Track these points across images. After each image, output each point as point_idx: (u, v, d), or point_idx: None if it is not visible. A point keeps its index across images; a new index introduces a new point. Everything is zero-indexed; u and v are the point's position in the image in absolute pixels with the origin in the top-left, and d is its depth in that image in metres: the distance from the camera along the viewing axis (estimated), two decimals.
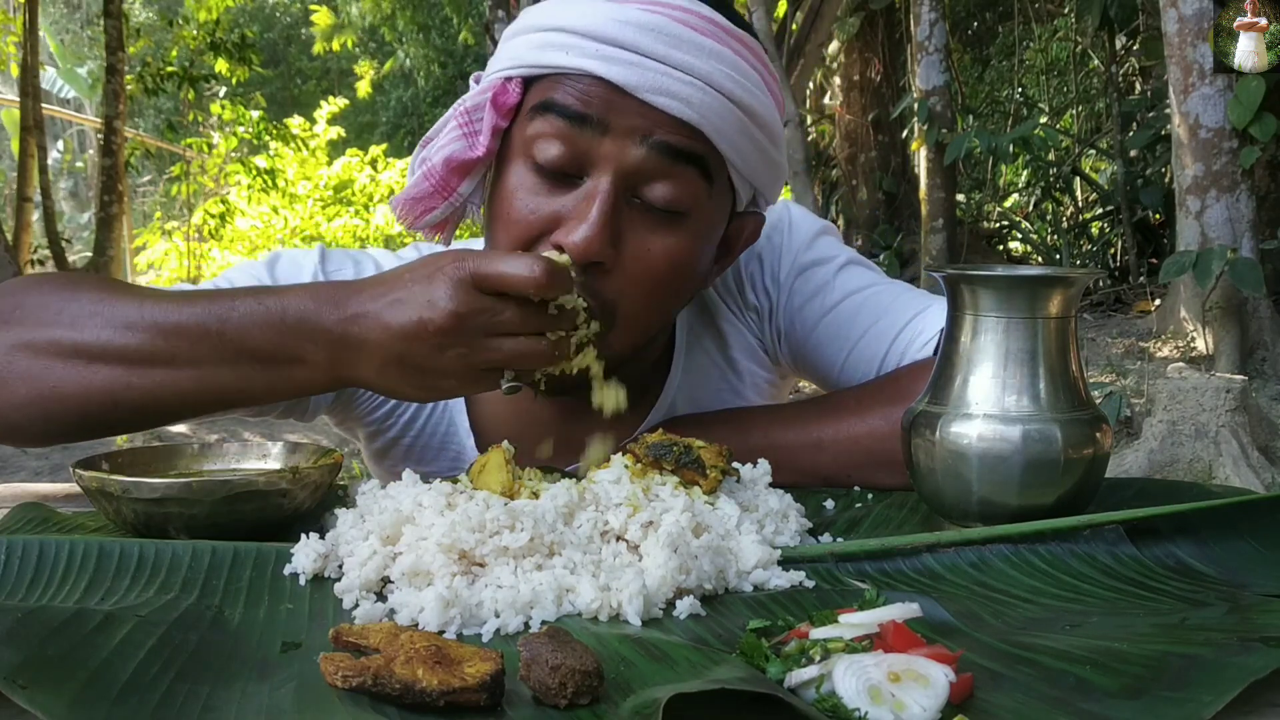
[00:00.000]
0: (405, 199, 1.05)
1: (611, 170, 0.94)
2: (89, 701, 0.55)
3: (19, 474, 5.20)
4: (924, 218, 7.18)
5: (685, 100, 0.93)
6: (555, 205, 0.96)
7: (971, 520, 0.85)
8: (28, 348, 0.93)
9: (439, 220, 1.06)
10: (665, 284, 0.99)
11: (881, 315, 1.13)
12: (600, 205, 0.93)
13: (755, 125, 0.98)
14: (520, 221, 0.96)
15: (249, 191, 10.95)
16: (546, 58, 0.96)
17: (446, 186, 1.03)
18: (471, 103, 1.01)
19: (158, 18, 13.62)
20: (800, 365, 1.21)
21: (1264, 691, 0.56)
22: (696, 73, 0.94)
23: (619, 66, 0.93)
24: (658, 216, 0.96)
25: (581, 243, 0.92)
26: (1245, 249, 4.89)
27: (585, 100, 0.94)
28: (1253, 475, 3.38)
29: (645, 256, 0.96)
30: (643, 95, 0.93)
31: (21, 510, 0.92)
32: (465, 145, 1.01)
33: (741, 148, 0.98)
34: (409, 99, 17.51)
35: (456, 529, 0.74)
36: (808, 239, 1.18)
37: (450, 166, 1.02)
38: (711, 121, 0.95)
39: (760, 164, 1.01)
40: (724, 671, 0.57)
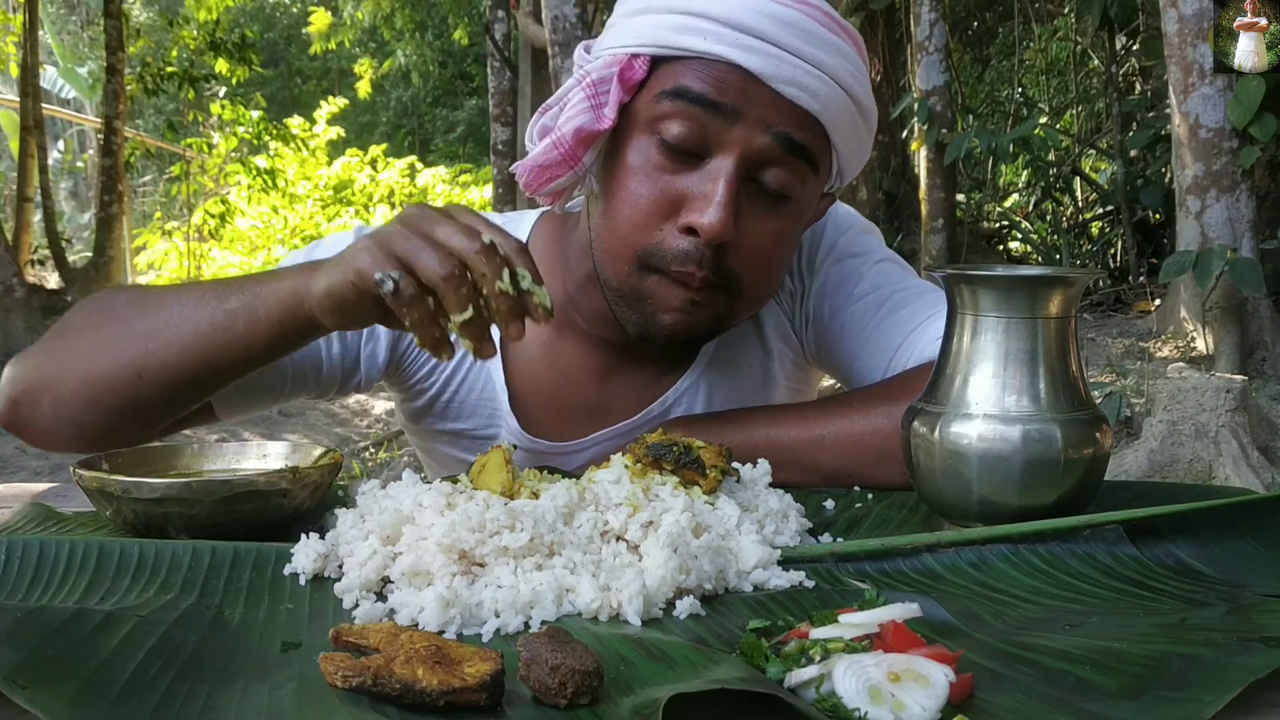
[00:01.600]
0: (533, 165, 1.07)
1: (737, 154, 1.00)
2: (89, 701, 0.55)
3: (19, 474, 5.21)
4: (924, 218, 7.18)
5: (812, 93, 1.00)
6: (679, 184, 1.01)
7: (971, 520, 0.85)
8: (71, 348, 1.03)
9: (562, 188, 1.09)
10: (776, 259, 1.07)
11: (898, 311, 1.15)
12: (726, 188, 0.99)
13: (862, 117, 1.06)
14: (645, 196, 1.02)
15: (249, 191, 10.95)
16: (683, 40, 0.99)
17: (574, 156, 1.05)
18: (597, 75, 1.04)
19: (158, 17, 13.62)
20: (822, 354, 1.23)
21: (1264, 691, 0.57)
22: (824, 67, 1.00)
23: (757, 56, 0.98)
24: (770, 199, 1.03)
25: (715, 224, 0.98)
26: (1245, 249, 4.89)
27: (720, 87, 0.99)
28: (1253, 475, 3.37)
29: (760, 235, 1.03)
30: (775, 85, 0.98)
31: (27, 509, 0.92)
32: (593, 117, 1.04)
33: (849, 137, 1.05)
34: (409, 99, 17.52)
35: (456, 529, 0.74)
36: (850, 233, 1.23)
37: (579, 137, 1.04)
38: (831, 114, 1.02)
39: (857, 150, 1.08)
40: (724, 671, 0.57)
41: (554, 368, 1.20)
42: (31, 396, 1.02)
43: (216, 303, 0.98)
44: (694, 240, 1.00)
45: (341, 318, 0.92)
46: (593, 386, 1.20)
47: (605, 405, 1.21)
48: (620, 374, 1.21)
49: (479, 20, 12.43)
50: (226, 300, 0.98)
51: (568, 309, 1.18)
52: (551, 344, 1.21)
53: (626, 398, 1.21)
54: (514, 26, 8.35)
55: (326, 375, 1.16)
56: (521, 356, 1.21)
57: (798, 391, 1.28)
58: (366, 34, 16.76)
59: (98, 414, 1.00)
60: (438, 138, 17.64)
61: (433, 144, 17.52)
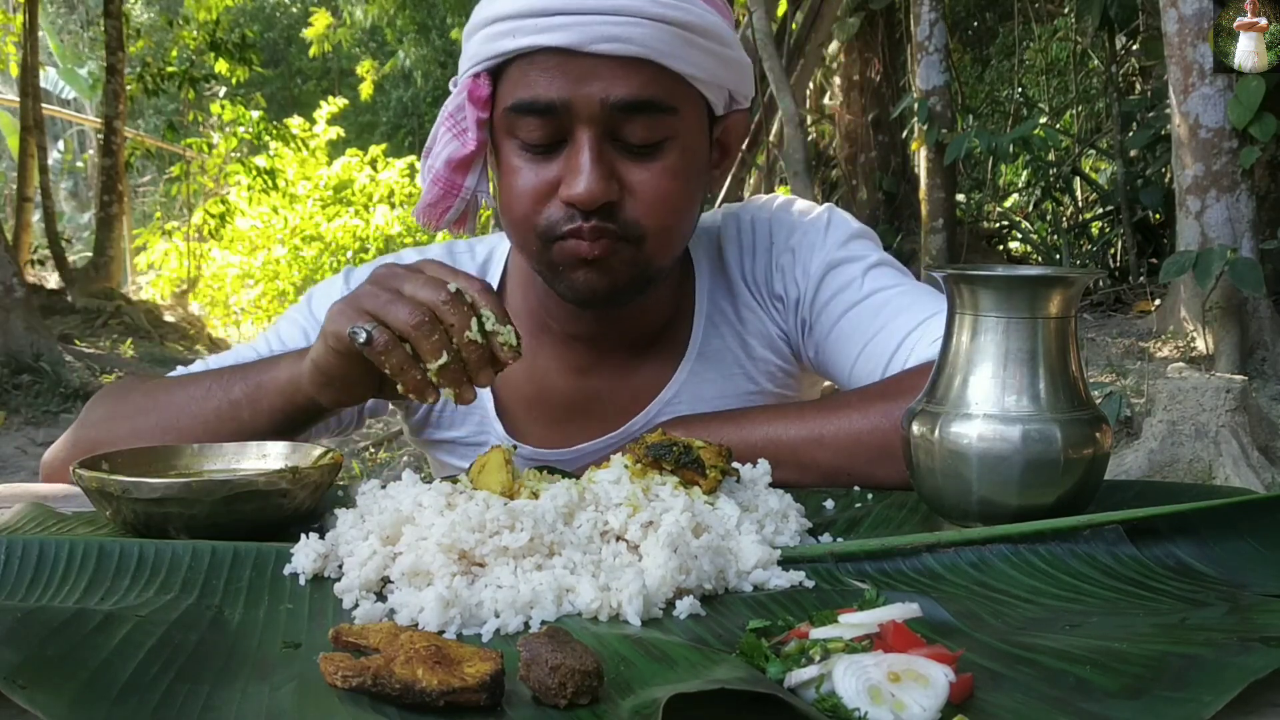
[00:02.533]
0: (423, 207, 1.16)
1: (585, 128, 1.04)
2: (89, 701, 0.55)
3: (19, 474, 5.21)
4: (924, 218, 7.18)
5: (628, 40, 1.02)
6: (551, 170, 1.07)
7: (971, 520, 0.85)
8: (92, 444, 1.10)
9: (457, 217, 1.17)
10: (674, 198, 1.09)
11: (898, 314, 1.15)
12: (587, 154, 1.04)
13: (700, 36, 1.06)
14: (525, 189, 1.08)
15: (249, 192, 10.95)
16: (499, 46, 1.06)
17: (453, 185, 1.14)
18: (453, 105, 1.12)
19: (158, 17, 13.62)
20: (820, 360, 1.23)
21: (1264, 691, 0.56)
22: (627, 10, 1.02)
23: (559, 32, 1.02)
24: (641, 151, 1.07)
25: (585, 192, 1.03)
26: (1245, 249, 4.89)
27: (545, 81, 1.04)
28: (1253, 475, 3.37)
29: (647, 184, 1.07)
30: (590, 48, 1.02)
31: (27, 509, 0.93)
32: (459, 144, 1.12)
33: (694, 60, 1.06)
34: (409, 99, 17.51)
35: (456, 529, 0.74)
36: (843, 238, 1.23)
37: (451, 166, 1.13)
38: (659, 49, 1.03)
39: (719, 67, 1.09)
40: (724, 671, 0.57)
41: (533, 371, 1.24)
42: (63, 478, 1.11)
43: (222, 394, 1.08)
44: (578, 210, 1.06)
45: (334, 390, 1.01)
46: (571, 387, 1.24)
47: (586, 408, 1.23)
48: (596, 373, 1.23)
49: None
50: (231, 391, 1.08)
51: (540, 314, 1.24)
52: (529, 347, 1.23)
53: (606, 399, 1.23)
54: None
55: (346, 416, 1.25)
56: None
57: (787, 399, 1.28)
58: (367, 35, 16.75)
59: None
60: None
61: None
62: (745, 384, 1.24)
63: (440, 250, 1.31)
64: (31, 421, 6.26)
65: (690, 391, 1.22)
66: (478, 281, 0.92)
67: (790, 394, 1.28)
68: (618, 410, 1.23)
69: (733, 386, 1.23)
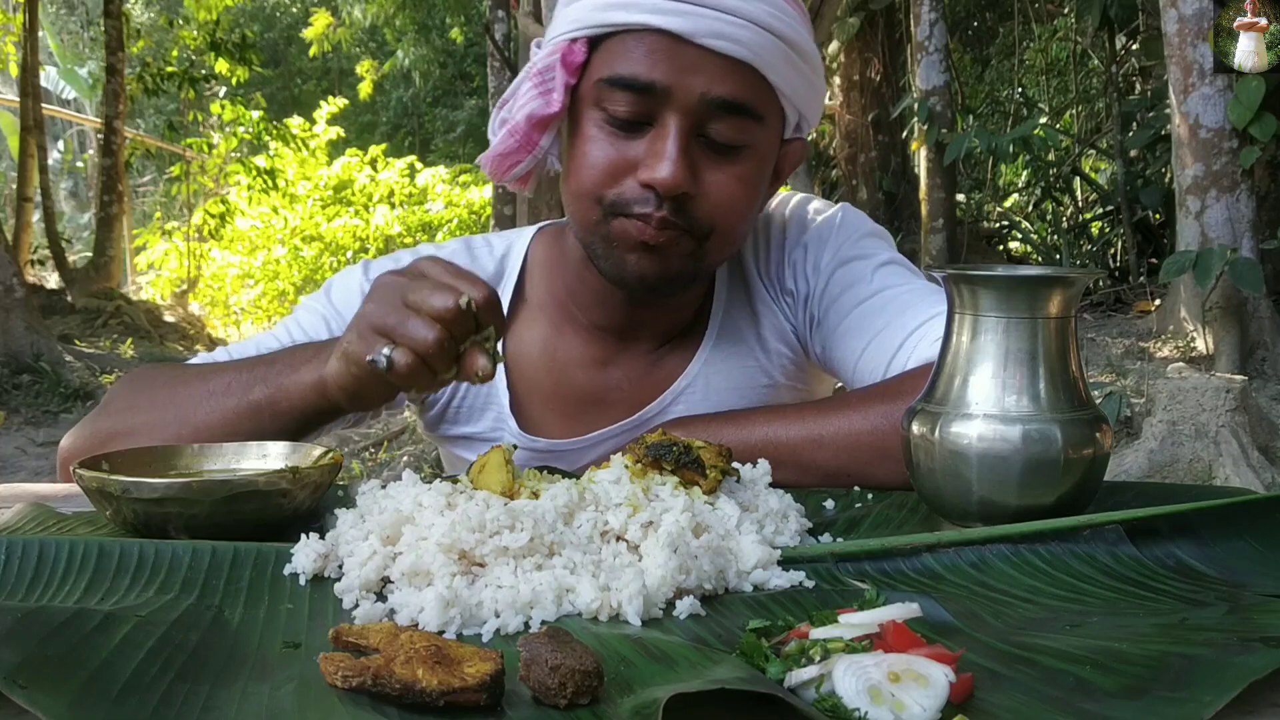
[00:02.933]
0: (493, 155, 1.16)
1: (678, 115, 1.05)
2: (89, 701, 0.55)
3: (19, 474, 5.21)
4: (924, 218, 7.18)
5: (737, 40, 1.04)
6: (632, 148, 1.07)
7: (971, 520, 0.85)
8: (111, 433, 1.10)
9: (524, 173, 1.17)
10: (743, 204, 1.11)
11: (903, 311, 1.15)
12: (674, 141, 1.04)
13: (798, 55, 1.09)
14: (601, 160, 1.08)
15: (249, 192, 10.95)
16: (609, 16, 1.05)
17: (529, 141, 1.13)
18: (542, 64, 1.11)
19: (157, 17, 13.62)
20: (827, 355, 1.24)
21: (1264, 691, 0.56)
22: (745, 14, 1.04)
23: (676, 17, 1.03)
24: (722, 150, 1.08)
25: (668, 176, 1.04)
26: (1245, 249, 4.89)
27: (650, 62, 1.04)
28: (1253, 475, 3.37)
29: (722, 184, 1.08)
30: (700, 40, 1.03)
31: (27, 509, 0.92)
32: (542, 103, 1.10)
33: (789, 77, 1.08)
34: (409, 99, 17.51)
35: (456, 529, 0.74)
36: (855, 236, 1.24)
37: (532, 122, 1.12)
38: (763, 58, 1.05)
39: (805, 90, 1.12)
40: (724, 671, 0.57)
41: (553, 363, 1.24)
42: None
43: (242, 393, 1.07)
44: (653, 193, 1.06)
45: (359, 402, 1.02)
46: (590, 379, 1.24)
47: (603, 399, 1.24)
48: (617, 366, 1.24)
49: (479, 20, 12.43)
50: (251, 392, 1.07)
51: (566, 304, 1.24)
52: (549, 340, 1.25)
53: (624, 390, 1.24)
54: (514, 26, 8.35)
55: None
56: (521, 357, 1.25)
57: (799, 392, 1.29)
58: (366, 34, 16.75)
59: None
60: (438, 138, 17.63)
61: (433, 144, 17.52)
62: (759, 376, 1.25)
63: (458, 245, 1.31)
64: (31, 421, 6.26)
65: (705, 381, 1.23)
66: (484, 290, 0.91)
67: (801, 388, 1.29)
68: (633, 400, 1.23)
69: (746, 378, 1.24)
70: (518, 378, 1.25)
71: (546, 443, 1.23)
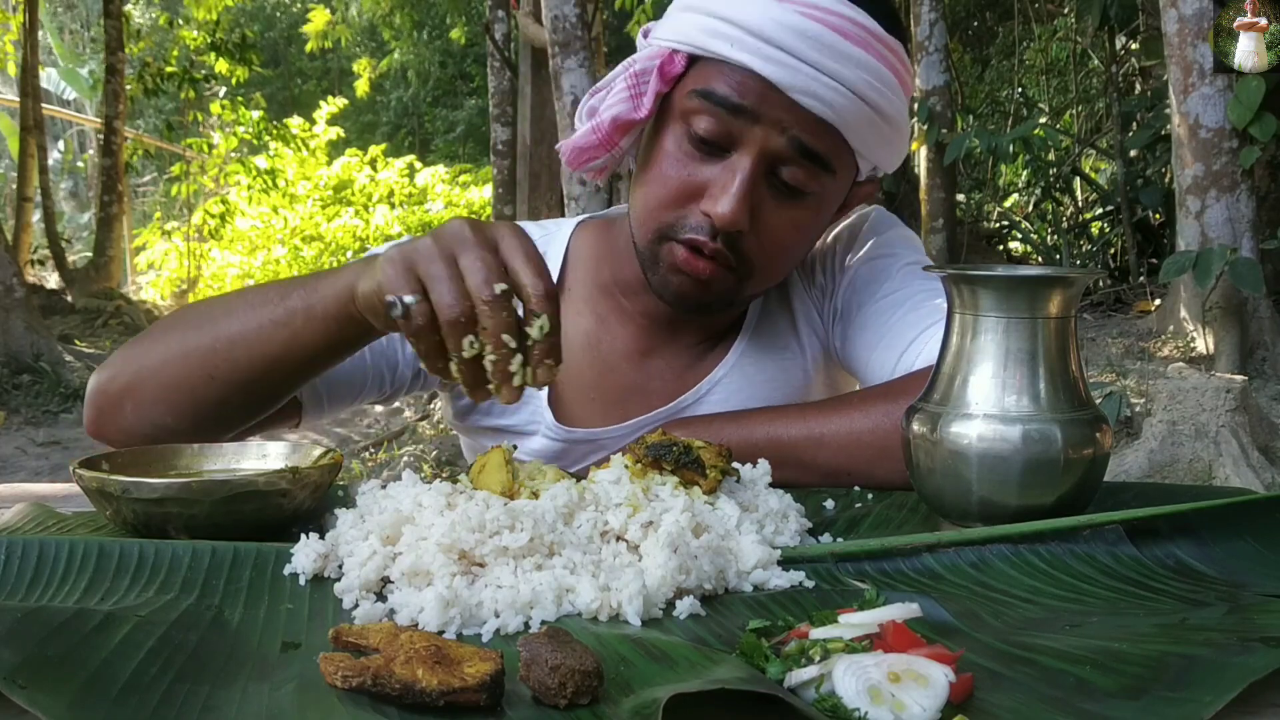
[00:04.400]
0: (574, 146, 1.18)
1: (755, 152, 1.07)
2: (89, 701, 0.55)
3: (19, 474, 5.21)
4: (924, 218, 7.18)
5: (828, 104, 1.06)
6: (704, 173, 1.09)
7: (971, 520, 0.85)
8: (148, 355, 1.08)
9: (599, 168, 1.20)
10: (792, 248, 1.16)
11: (916, 309, 1.16)
12: (742, 180, 1.06)
13: (885, 123, 1.10)
14: (673, 181, 1.10)
15: (249, 192, 10.95)
16: (713, 45, 1.07)
17: (610, 141, 1.16)
18: (640, 66, 1.12)
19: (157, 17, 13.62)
20: (845, 351, 1.25)
21: (1264, 691, 0.56)
22: (842, 79, 1.05)
23: (775, 66, 1.04)
24: (788, 193, 1.10)
25: (728, 214, 1.06)
26: (1245, 249, 4.89)
27: (741, 92, 1.06)
28: (1253, 475, 3.37)
29: (777, 227, 1.11)
30: (792, 94, 1.05)
31: (27, 509, 0.92)
32: (631, 106, 1.13)
33: (868, 139, 1.11)
34: (409, 99, 17.51)
35: (456, 529, 0.74)
36: (885, 235, 1.26)
37: (616, 125, 1.14)
38: (847, 121, 1.07)
39: (883, 149, 1.13)
40: (724, 671, 0.57)
41: (596, 355, 1.25)
42: (114, 404, 1.07)
43: (279, 299, 1.02)
44: (710, 223, 1.08)
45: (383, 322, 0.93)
46: (633, 369, 1.25)
47: (644, 388, 1.25)
48: (659, 356, 1.26)
49: (479, 20, 12.43)
50: (288, 298, 1.01)
51: (612, 291, 1.26)
52: (593, 332, 1.26)
53: (665, 379, 1.25)
54: (514, 26, 8.35)
55: (400, 375, 1.23)
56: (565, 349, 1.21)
57: (829, 385, 1.30)
58: (365, 34, 16.75)
59: (177, 417, 1.05)
60: (438, 138, 17.63)
61: (433, 144, 17.52)
62: (795, 370, 1.27)
63: None
64: (31, 421, 6.26)
65: (741, 372, 1.25)
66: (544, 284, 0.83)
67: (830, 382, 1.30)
68: (673, 389, 1.25)
69: (782, 371, 1.26)
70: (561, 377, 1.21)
71: (584, 432, 1.23)
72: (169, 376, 1.05)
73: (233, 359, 1.03)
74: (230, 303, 1.07)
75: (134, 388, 1.06)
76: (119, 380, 1.08)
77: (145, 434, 1.06)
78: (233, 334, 1.03)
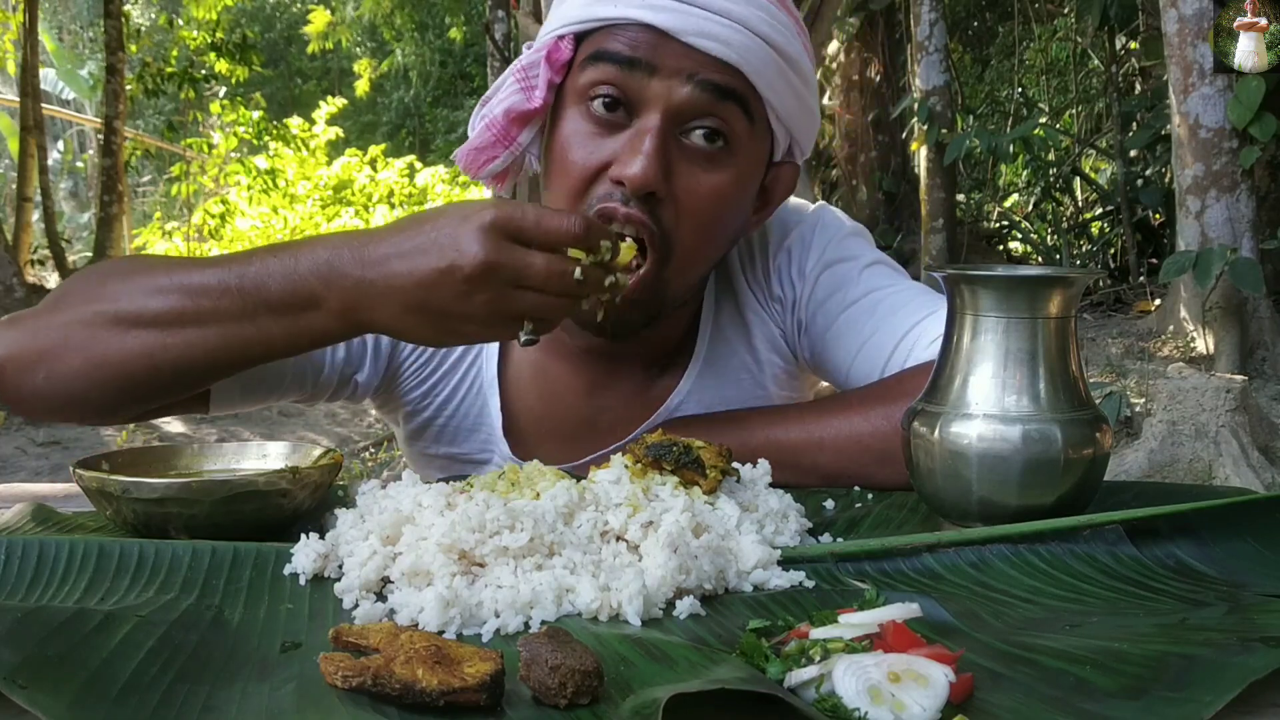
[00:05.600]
0: (469, 149, 1.12)
1: (660, 108, 1.01)
2: (89, 701, 0.55)
3: (19, 474, 5.21)
4: (924, 218, 7.18)
5: (725, 42, 1.00)
6: (608, 147, 1.03)
7: (971, 520, 0.85)
8: (78, 323, 0.97)
9: (500, 170, 1.13)
10: (714, 218, 1.06)
11: (894, 314, 1.14)
12: (652, 139, 1.00)
13: (790, 69, 1.05)
14: (577, 163, 1.03)
15: (249, 192, 10.95)
16: (595, 11, 1.03)
17: (507, 136, 1.10)
18: (527, 60, 1.08)
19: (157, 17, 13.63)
20: (816, 360, 1.22)
21: (1264, 691, 0.57)
22: (734, 16, 1.01)
23: (664, 13, 1.00)
24: (704, 153, 1.03)
25: (638, 174, 0.99)
26: (1245, 249, 4.89)
27: (634, 46, 1.01)
28: (1253, 475, 3.37)
29: (695, 189, 1.03)
30: (686, 39, 1.00)
31: (27, 509, 0.92)
32: (523, 98, 1.08)
33: (779, 89, 1.05)
34: (409, 99, 17.51)
35: (456, 529, 0.74)
36: (838, 237, 1.21)
37: (510, 117, 1.09)
38: (750, 63, 1.02)
39: (796, 109, 1.08)
40: (724, 671, 0.57)
41: (545, 389, 1.20)
42: (24, 365, 0.97)
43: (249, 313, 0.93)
44: (621, 190, 1.01)
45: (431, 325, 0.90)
46: (582, 404, 1.20)
47: (595, 422, 1.20)
48: (609, 389, 1.20)
49: (479, 20, 12.42)
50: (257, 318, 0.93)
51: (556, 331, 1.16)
52: (541, 364, 1.20)
53: (616, 413, 1.20)
54: (514, 26, 8.35)
55: (324, 380, 1.16)
56: (516, 380, 1.21)
57: (791, 400, 1.27)
58: (366, 34, 16.75)
59: (101, 393, 0.97)
60: (438, 138, 17.63)
61: (433, 144, 17.52)
62: (752, 387, 1.23)
63: None
64: (31, 421, 6.26)
65: (695, 398, 1.20)
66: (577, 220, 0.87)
67: (794, 395, 1.28)
68: (626, 421, 1.19)
69: (739, 390, 1.22)
70: (509, 400, 1.20)
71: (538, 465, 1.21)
72: (104, 354, 0.95)
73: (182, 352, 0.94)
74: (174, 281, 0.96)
75: (56, 354, 0.96)
76: (37, 342, 0.98)
77: (50, 406, 0.99)
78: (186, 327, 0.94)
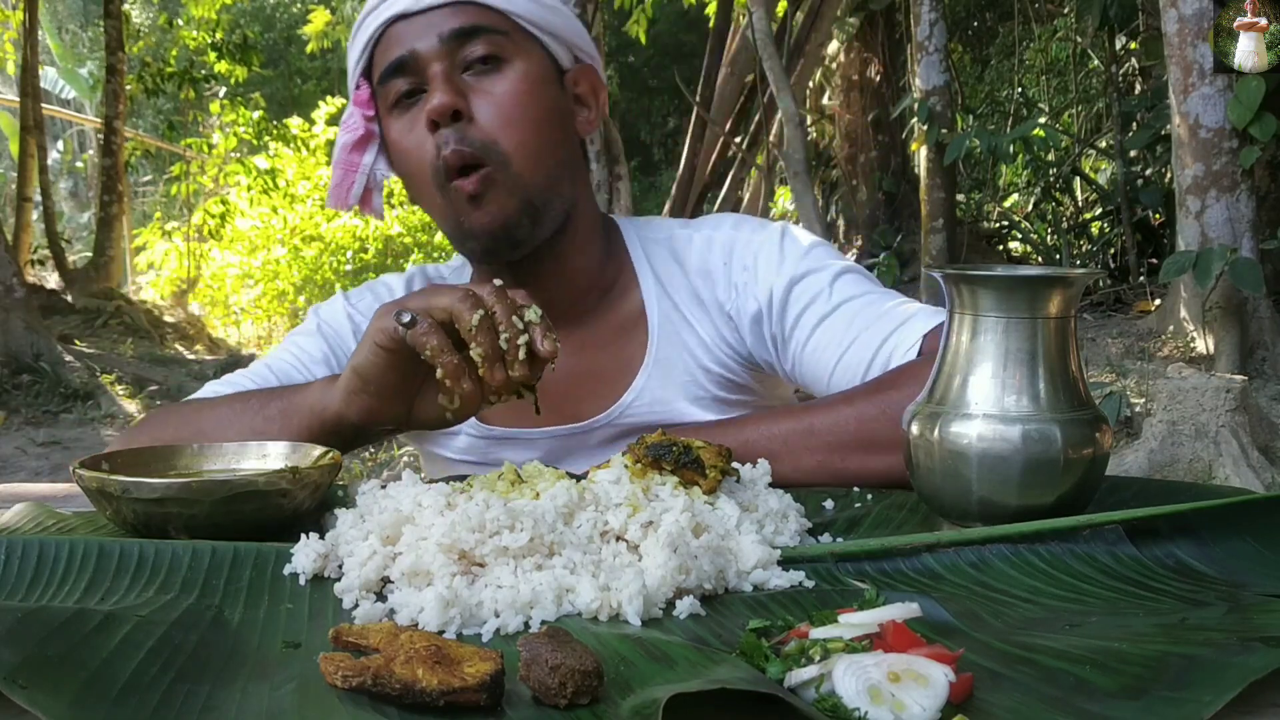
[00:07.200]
0: (331, 191, 1.29)
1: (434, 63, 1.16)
2: (89, 701, 0.55)
3: (19, 474, 5.21)
4: (924, 218, 7.17)
5: None
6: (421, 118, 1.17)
7: (971, 520, 0.85)
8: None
9: (360, 193, 1.28)
10: (522, 114, 1.18)
11: (872, 323, 1.17)
12: (437, 79, 1.15)
13: None
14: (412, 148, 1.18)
15: (249, 192, 10.95)
16: (360, 38, 1.21)
17: (351, 164, 1.27)
18: (347, 113, 1.27)
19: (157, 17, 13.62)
20: (798, 373, 1.25)
21: (1264, 691, 0.56)
22: None
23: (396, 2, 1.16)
24: (486, 73, 1.17)
25: (437, 104, 1.14)
26: (1245, 249, 4.88)
27: (396, 44, 1.17)
28: (1253, 475, 3.37)
29: (492, 95, 1.17)
30: (419, 6, 1.16)
31: (27, 509, 0.93)
32: (350, 134, 1.26)
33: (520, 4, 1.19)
34: None
35: (456, 529, 0.74)
36: (803, 250, 1.25)
37: (348, 150, 1.26)
38: None
39: (545, 13, 1.21)
40: (724, 671, 0.57)
41: None
42: None
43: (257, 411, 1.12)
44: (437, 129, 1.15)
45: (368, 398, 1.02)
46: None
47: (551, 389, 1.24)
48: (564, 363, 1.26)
49: None
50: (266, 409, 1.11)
51: None
52: None
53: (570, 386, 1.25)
54: None
55: None
56: None
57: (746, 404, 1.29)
58: None
59: None
60: None
61: None
62: (698, 392, 1.26)
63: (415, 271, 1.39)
64: (31, 421, 6.26)
65: (650, 395, 1.25)
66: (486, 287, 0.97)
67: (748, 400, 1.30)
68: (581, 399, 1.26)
69: (689, 394, 1.26)
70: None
71: (502, 430, 1.27)
72: None
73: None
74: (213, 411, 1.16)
75: None
76: None
77: None
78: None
